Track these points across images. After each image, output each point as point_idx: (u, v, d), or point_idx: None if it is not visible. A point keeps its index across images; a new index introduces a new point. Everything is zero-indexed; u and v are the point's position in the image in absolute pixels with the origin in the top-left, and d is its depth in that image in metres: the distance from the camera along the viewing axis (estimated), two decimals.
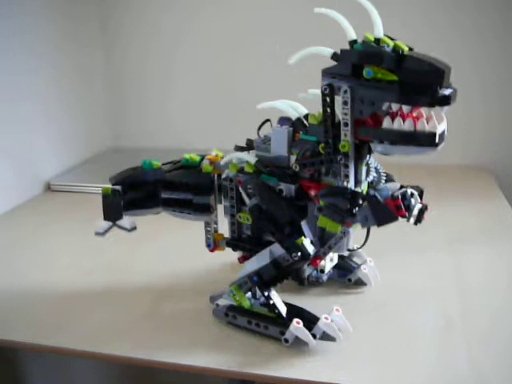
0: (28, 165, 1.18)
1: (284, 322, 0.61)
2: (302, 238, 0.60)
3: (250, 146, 0.67)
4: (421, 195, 0.66)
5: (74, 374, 0.98)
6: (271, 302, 0.63)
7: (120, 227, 0.70)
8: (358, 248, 0.73)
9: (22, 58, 1.14)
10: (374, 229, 0.87)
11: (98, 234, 0.70)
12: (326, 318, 0.60)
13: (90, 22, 1.41)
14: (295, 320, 0.60)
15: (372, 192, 0.59)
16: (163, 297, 0.75)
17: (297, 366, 0.59)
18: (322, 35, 0.62)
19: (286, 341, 0.62)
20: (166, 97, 1.47)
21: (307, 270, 0.68)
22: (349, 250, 0.73)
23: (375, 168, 0.65)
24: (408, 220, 0.65)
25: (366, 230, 0.66)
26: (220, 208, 0.71)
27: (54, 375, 0.97)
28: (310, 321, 0.61)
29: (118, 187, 0.70)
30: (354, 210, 0.57)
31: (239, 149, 0.68)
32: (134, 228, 0.71)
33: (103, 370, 0.99)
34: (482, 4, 1.20)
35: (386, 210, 0.57)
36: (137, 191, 0.71)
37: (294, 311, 0.64)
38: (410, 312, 0.70)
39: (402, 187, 0.64)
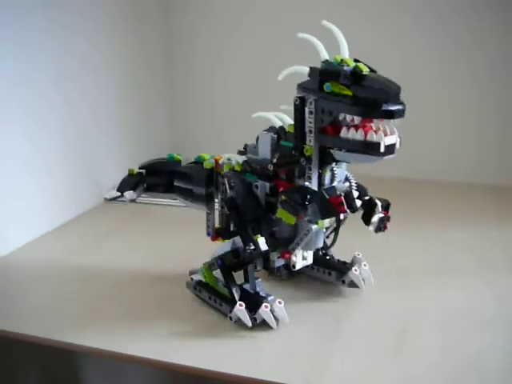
0: (88, 176, 1.21)
1: (234, 302, 0.69)
2: (258, 235, 0.68)
3: (246, 150, 0.78)
4: (386, 207, 0.72)
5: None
6: (228, 283, 0.71)
7: (124, 197, 0.85)
8: (327, 248, 0.78)
9: (84, 72, 1.17)
10: (423, 248, 0.95)
11: (106, 199, 0.89)
12: (266, 307, 0.68)
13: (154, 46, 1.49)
14: (239, 303, 0.68)
15: (320, 188, 0.66)
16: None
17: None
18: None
19: (231, 318, 0.70)
20: (226, 110, 1.49)
21: (277, 262, 0.75)
22: (318, 249, 0.78)
23: (347, 178, 0.71)
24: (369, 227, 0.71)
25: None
26: None
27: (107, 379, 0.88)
28: (256, 306, 0.68)
29: (142, 171, 0.86)
30: (306, 204, 0.64)
31: (240, 152, 0.79)
32: (133, 200, 0.85)
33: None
34: None
35: (329, 205, 0.63)
36: (156, 177, 0.85)
37: (247, 296, 0.71)
38: (476, 336, 0.68)
39: (367, 197, 0.70)
